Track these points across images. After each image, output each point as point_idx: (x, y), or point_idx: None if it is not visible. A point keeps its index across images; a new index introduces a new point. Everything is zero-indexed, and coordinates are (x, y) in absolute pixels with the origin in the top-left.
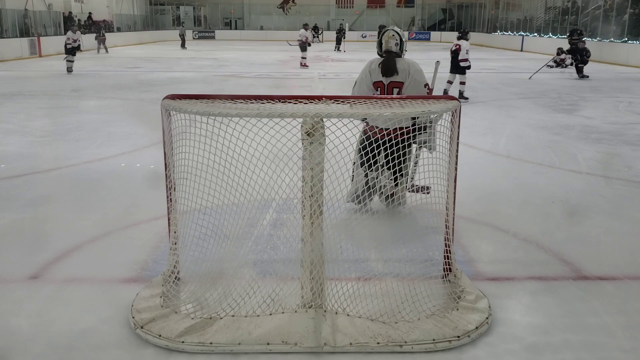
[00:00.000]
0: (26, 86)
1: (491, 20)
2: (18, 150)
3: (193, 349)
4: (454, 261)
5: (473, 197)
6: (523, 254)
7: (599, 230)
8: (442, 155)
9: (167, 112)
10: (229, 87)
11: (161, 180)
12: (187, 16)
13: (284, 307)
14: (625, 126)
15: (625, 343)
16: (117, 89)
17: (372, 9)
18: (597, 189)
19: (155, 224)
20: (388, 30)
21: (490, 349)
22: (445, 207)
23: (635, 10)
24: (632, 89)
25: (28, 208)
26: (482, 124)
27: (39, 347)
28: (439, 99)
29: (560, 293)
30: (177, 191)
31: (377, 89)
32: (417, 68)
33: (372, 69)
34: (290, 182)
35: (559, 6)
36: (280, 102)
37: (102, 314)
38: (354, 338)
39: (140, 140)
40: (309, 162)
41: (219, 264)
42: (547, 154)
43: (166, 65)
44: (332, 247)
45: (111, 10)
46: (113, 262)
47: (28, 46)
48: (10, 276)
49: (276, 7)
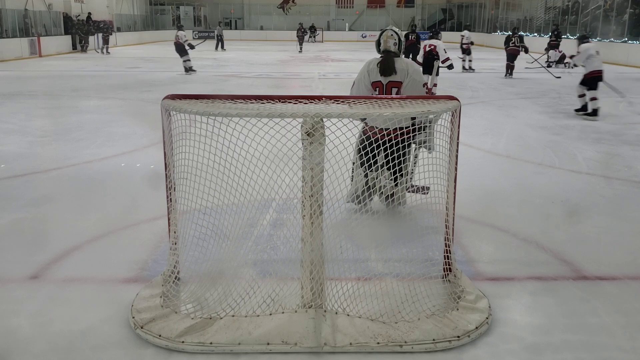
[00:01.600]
0: (26, 86)
1: (491, 20)
2: (18, 150)
3: (193, 349)
4: (454, 261)
5: (473, 197)
6: (523, 254)
7: (598, 230)
8: (442, 155)
9: (167, 112)
10: (229, 87)
11: (161, 180)
12: (187, 16)
13: (284, 307)
14: (625, 126)
15: (625, 343)
16: (117, 89)
17: (372, 9)
18: (597, 189)
19: (155, 224)
20: (387, 30)
21: (490, 349)
22: (445, 207)
23: (635, 10)
24: (632, 89)
25: (28, 208)
26: (482, 124)
27: (39, 347)
28: (439, 98)
29: (560, 293)
30: (177, 191)
31: (375, 89)
32: (416, 68)
33: (370, 69)
34: (290, 182)
35: (559, 6)
36: (280, 102)
37: (102, 314)
38: (354, 338)
39: (140, 140)
40: (309, 162)
41: (219, 264)
42: (547, 154)
43: (166, 65)
44: (332, 247)
45: (111, 10)
46: (113, 262)
47: (28, 46)
48: (10, 276)
49: (276, 7)
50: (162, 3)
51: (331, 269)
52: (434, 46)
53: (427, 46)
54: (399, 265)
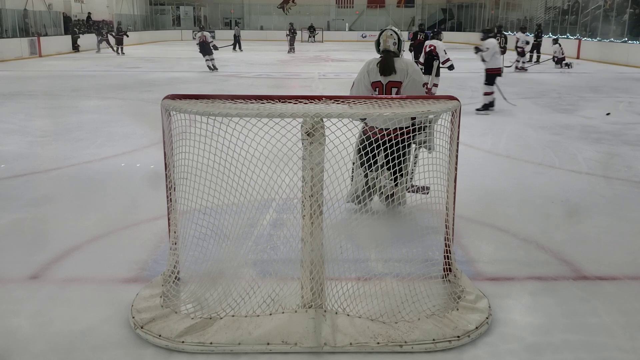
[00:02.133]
0: (26, 86)
1: (491, 20)
2: (18, 150)
3: (193, 349)
4: (454, 261)
5: (473, 197)
6: (523, 254)
7: (598, 230)
8: (442, 155)
9: (167, 112)
10: (229, 87)
11: (161, 180)
12: (187, 16)
13: (284, 307)
14: (625, 126)
15: (625, 343)
16: (117, 89)
17: (372, 9)
18: (597, 189)
19: (155, 224)
20: (386, 30)
21: (490, 349)
22: (445, 207)
23: (635, 10)
24: (632, 89)
25: (28, 208)
26: (482, 124)
27: (39, 347)
28: (439, 98)
29: (560, 293)
30: (177, 191)
31: (375, 89)
32: (415, 68)
33: (370, 69)
34: (290, 182)
35: (559, 6)
36: (280, 102)
37: (102, 314)
38: (354, 338)
39: (140, 140)
40: (309, 162)
41: (219, 264)
42: (547, 154)
43: (166, 65)
44: (332, 247)
45: (111, 10)
46: (113, 262)
47: (28, 46)
48: (10, 276)
49: (276, 7)
50: (162, 3)
51: (331, 269)
52: (433, 47)
53: (427, 46)
54: (399, 265)
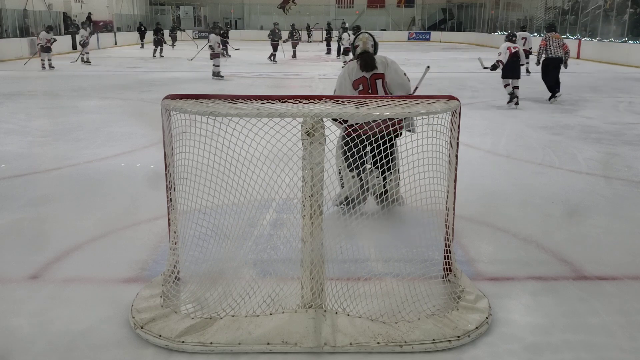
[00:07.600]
0: (26, 86)
1: (491, 20)
2: (18, 150)
3: (193, 349)
4: (454, 261)
5: (473, 197)
6: (523, 254)
7: (599, 230)
8: (442, 155)
9: (167, 112)
10: (229, 87)
11: (161, 180)
12: (187, 16)
13: (284, 307)
14: (625, 126)
15: (625, 343)
16: (117, 89)
17: (372, 9)
18: (597, 189)
19: (155, 224)
20: (363, 33)
21: (490, 349)
22: (445, 207)
23: (635, 10)
24: (632, 89)
25: (28, 208)
26: (482, 124)
27: (39, 347)
28: (439, 98)
29: (560, 293)
30: (177, 191)
31: (359, 85)
32: (392, 59)
33: (350, 71)
34: (290, 182)
35: (559, 6)
36: (280, 102)
37: (102, 314)
38: (354, 338)
39: (140, 140)
40: (309, 162)
41: (219, 264)
42: (547, 154)
43: (166, 65)
44: (332, 247)
45: (111, 10)
46: (113, 262)
47: (28, 46)
48: (10, 276)
49: (276, 7)
50: (162, 3)
51: (331, 269)
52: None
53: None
54: (399, 265)
